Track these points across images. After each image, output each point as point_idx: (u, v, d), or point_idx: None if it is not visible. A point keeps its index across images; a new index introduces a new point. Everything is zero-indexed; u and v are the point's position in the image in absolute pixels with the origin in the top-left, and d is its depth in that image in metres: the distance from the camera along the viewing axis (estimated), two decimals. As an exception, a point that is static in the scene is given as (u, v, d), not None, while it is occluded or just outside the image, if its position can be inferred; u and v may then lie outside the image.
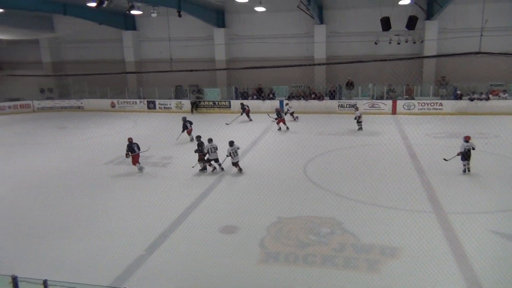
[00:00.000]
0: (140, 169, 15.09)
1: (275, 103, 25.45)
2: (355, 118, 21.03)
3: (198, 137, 15.33)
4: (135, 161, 15.05)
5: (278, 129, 21.41)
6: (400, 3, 22.57)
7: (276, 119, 21.66)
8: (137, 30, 31.69)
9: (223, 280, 7.92)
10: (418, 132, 18.75)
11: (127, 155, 14.93)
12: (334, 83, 26.95)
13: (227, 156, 14.31)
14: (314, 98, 26.48)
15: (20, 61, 34.50)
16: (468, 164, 13.44)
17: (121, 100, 29.73)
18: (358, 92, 26.66)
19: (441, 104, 24.56)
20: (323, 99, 26.43)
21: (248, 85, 28.06)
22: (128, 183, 13.97)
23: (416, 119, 22.75)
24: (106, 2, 17.56)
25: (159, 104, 28.93)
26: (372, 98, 26.05)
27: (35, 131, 23.04)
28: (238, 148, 14.48)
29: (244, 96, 27.84)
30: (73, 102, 30.52)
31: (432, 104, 24.61)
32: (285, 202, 11.59)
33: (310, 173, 14.29)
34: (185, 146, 17.77)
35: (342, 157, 16.10)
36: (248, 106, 24.70)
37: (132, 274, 8.17)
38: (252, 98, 27.45)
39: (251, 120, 24.04)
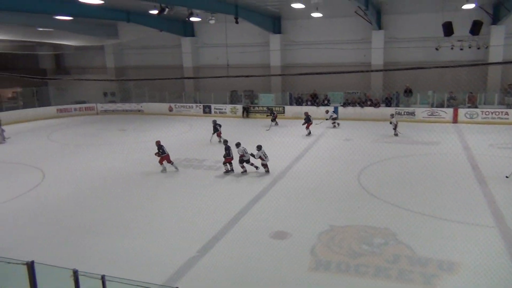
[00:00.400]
0: (164, 169, 15.85)
1: (330, 109, 25.17)
2: (390, 123, 20.83)
3: (225, 141, 15.99)
4: (162, 160, 15.81)
5: (307, 134, 21.67)
6: (463, 7, 21.64)
7: (304, 123, 21.87)
8: (195, 37, 32.53)
9: (273, 286, 7.91)
10: (481, 142, 17.83)
11: (157, 154, 15.79)
12: (391, 90, 26.25)
13: (255, 158, 15.04)
14: (370, 105, 25.93)
15: (86, 66, 36.49)
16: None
17: (178, 104, 30.63)
18: (417, 100, 25.80)
19: (507, 113, 23.23)
20: (379, 106, 25.81)
21: (302, 91, 27.97)
22: (184, 185, 14.32)
23: (479, 128, 21.65)
24: (167, 10, 18.22)
25: (214, 108, 29.50)
26: (432, 106, 25.11)
27: (98, 133, 24.20)
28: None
29: (299, 101, 27.78)
30: (133, 106, 31.83)
31: (497, 113, 23.33)
32: (337, 210, 11.40)
33: (364, 181, 13.97)
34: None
35: (399, 166, 15.60)
36: (275, 112, 25.61)
37: (184, 275, 8.34)
38: (307, 104, 27.34)
39: (277, 124, 24.61)
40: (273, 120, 24.76)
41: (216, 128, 20.45)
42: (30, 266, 6.06)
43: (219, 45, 30.01)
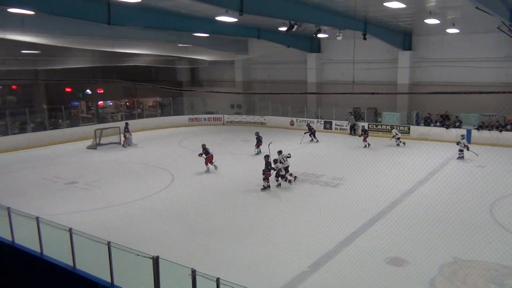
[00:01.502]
0: (209, 169, 18.11)
1: (461, 132, 23.22)
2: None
3: (266, 156, 15.83)
4: (207, 161, 18.11)
5: (366, 145, 22.97)
6: None
7: (361, 135, 23.54)
8: (321, 53, 32.74)
9: (385, 314, 7.52)
10: None
11: (200, 155, 18.15)
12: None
13: (277, 162, 15.66)
14: (510, 130, 23.34)
15: (217, 79, 39.05)
16: None
17: (300, 118, 31.04)
18: None
19: None
20: (521, 131, 23.11)
21: (431, 111, 26.31)
22: (300, 198, 14.42)
23: None
24: (295, 27, 18.67)
25: (335, 124, 29.27)
26: None
27: (223, 142, 25.60)
28: (288, 156, 16.14)
29: (426, 122, 26.18)
30: (257, 118, 33.10)
31: None
32: (464, 242, 10.43)
33: (498, 213, 12.57)
34: (354, 170, 17.47)
35: (542, 201, 13.74)
36: (313, 128, 26.00)
37: (293, 288, 8.37)
38: (435, 125, 25.63)
39: (317, 141, 25.08)
40: (311, 135, 25.20)
41: (259, 139, 21.80)
42: (156, 261, 6.63)
43: (344, 61, 29.75)
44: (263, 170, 15.57)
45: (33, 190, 15.96)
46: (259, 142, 21.89)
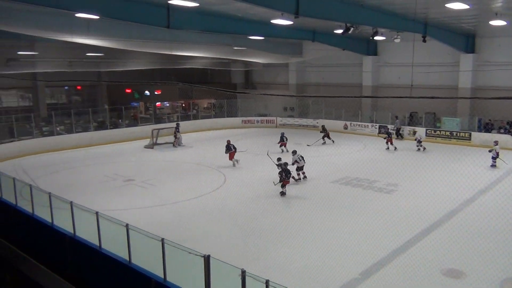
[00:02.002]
0: (234, 164, 19.74)
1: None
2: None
3: (284, 163, 15.60)
4: (231, 157, 19.80)
5: (386, 148, 23.40)
6: None
7: (385, 137, 23.82)
8: (378, 55, 32.00)
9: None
10: None
11: (226, 152, 19.86)
12: None
13: (292, 164, 16.33)
14: None
15: (270, 82, 39.20)
16: None
17: (354, 122, 30.50)
18: None
19: None
20: None
21: (495, 117, 24.94)
22: (353, 203, 14.14)
23: None
24: (352, 29, 18.36)
25: (390, 129, 28.44)
26: None
27: (275, 144, 25.62)
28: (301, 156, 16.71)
29: (487, 128, 24.88)
30: (309, 121, 32.88)
31: None
32: (528, 257, 9.79)
33: None
34: (410, 176, 16.88)
35: None
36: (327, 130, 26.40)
37: (343, 295, 8.23)
38: (499, 132, 24.27)
39: (333, 141, 25.66)
40: (324, 137, 25.79)
41: (282, 139, 23.11)
42: (207, 259, 6.75)
43: (402, 64, 28.87)
44: (280, 177, 15.30)
45: (94, 186, 16.78)
46: (283, 141, 23.15)
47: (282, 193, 15.14)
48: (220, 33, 22.81)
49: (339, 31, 19.77)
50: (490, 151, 19.18)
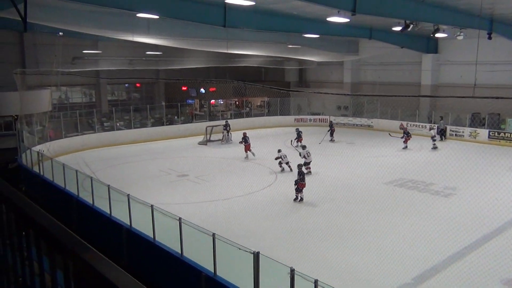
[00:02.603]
0: (247, 156, 20.99)
1: None
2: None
3: (299, 166, 15.29)
4: (247, 149, 21.05)
5: (404, 147, 23.08)
6: None
7: (402, 137, 23.34)
8: (438, 53, 30.72)
9: None
10: None
11: (240, 143, 21.31)
12: None
13: (302, 157, 17.15)
14: None
15: (324, 80, 38.74)
16: None
17: (410, 122, 29.43)
18: None
19: None
20: None
21: None
22: (407, 206, 13.70)
23: None
24: (411, 26, 17.75)
25: (450, 130, 27.26)
26: None
27: (327, 144, 25.27)
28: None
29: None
30: (364, 121, 32.16)
31: None
32: None
33: None
34: (470, 179, 16.07)
35: None
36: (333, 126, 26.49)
37: (395, 300, 8.00)
38: None
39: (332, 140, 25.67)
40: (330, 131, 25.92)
41: (299, 135, 23.83)
42: (256, 256, 6.80)
43: (464, 63, 27.55)
44: (295, 181, 14.64)
45: (149, 180, 17.40)
46: (299, 137, 23.67)
47: (297, 199, 14.40)
48: (275, 32, 22.84)
49: (398, 29, 19.18)
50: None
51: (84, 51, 29.92)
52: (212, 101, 37.83)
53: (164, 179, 17.74)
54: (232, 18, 17.61)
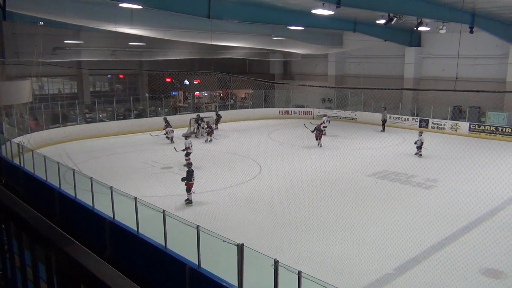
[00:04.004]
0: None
1: None
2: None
3: (189, 164, 14.42)
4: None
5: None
6: None
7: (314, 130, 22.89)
8: (421, 47, 31.04)
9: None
10: None
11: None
12: None
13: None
14: None
15: (309, 73, 38.85)
16: None
17: (393, 115, 29.76)
18: None
19: None
20: None
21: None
22: (389, 197, 13.89)
23: None
24: (395, 19, 17.88)
25: (432, 123, 27.65)
26: None
27: (311, 136, 25.39)
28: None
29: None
30: (348, 113, 32.38)
31: None
32: None
33: None
34: (451, 171, 16.37)
35: None
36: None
37: (377, 290, 8.14)
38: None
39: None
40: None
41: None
42: (240, 248, 6.83)
43: (446, 56, 27.91)
44: (182, 178, 13.73)
45: (133, 172, 17.27)
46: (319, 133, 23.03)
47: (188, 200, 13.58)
48: (260, 23, 22.75)
49: (382, 22, 19.31)
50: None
51: (65, 41, 29.37)
52: (197, 93, 37.59)
53: (148, 171, 17.62)
54: (217, 9, 17.44)
